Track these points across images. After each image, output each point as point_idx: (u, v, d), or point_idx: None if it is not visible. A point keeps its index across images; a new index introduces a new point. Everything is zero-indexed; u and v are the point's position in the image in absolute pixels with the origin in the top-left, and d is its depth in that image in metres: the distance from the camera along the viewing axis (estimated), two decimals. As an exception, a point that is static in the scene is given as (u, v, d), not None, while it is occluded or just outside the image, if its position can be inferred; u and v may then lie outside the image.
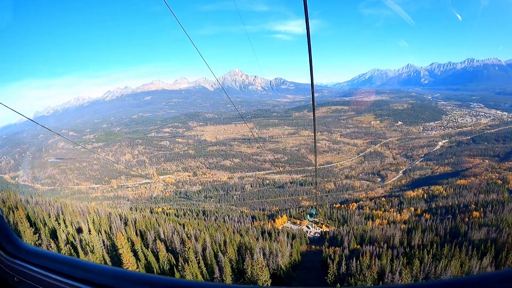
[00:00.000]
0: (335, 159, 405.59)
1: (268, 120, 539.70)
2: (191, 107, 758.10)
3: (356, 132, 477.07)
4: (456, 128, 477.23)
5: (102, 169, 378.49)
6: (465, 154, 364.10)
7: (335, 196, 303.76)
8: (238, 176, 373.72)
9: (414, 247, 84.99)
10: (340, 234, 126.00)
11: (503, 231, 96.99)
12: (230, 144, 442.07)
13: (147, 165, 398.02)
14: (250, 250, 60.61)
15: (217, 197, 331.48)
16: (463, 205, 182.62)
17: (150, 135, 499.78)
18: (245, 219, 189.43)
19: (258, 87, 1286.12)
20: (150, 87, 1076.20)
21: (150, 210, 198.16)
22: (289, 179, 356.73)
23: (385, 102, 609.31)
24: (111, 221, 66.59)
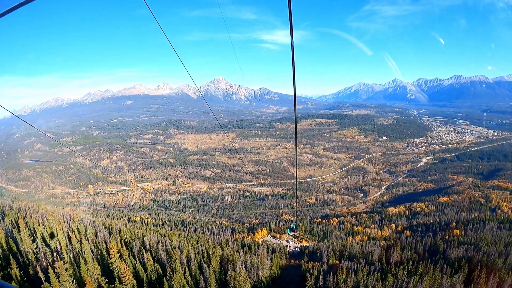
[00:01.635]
0: (317, 173, 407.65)
1: (250, 130, 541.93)
2: (172, 114, 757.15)
3: (340, 146, 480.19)
4: (441, 145, 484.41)
5: (79, 174, 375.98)
6: (449, 171, 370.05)
7: (316, 211, 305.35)
8: (218, 187, 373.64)
9: (391, 263, 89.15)
10: (320, 249, 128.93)
11: (481, 250, 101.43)
12: (211, 154, 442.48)
13: (125, 171, 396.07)
14: (233, 263, 64.48)
15: (196, 207, 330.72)
16: (444, 223, 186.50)
17: (130, 140, 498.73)
18: (225, 231, 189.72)
19: (242, 97, 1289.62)
20: (131, 91, 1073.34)
21: (128, 218, 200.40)
22: (270, 192, 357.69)
23: (370, 116, 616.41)
24: (97, 230, 69.81)
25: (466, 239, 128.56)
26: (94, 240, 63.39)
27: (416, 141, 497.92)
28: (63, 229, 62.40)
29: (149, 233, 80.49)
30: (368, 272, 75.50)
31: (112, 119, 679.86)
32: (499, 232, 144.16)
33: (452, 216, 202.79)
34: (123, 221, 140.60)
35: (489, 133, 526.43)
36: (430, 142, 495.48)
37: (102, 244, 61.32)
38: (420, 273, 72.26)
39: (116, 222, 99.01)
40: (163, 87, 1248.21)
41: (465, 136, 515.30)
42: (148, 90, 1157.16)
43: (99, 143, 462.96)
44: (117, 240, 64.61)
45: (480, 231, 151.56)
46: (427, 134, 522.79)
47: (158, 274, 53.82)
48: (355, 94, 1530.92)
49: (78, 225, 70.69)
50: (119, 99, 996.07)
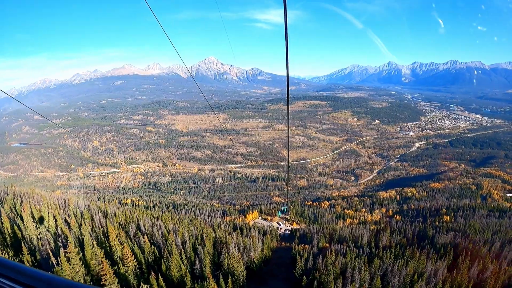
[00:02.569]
0: (309, 155, 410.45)
1: (242, 111, 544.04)
2: (163, 95, 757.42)
3: (332, 128, 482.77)
4: (434, 130, 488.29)
5: (68, 156, 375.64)
6: (441, 157, 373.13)
7: (307, 193, 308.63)
8: (209, 169, 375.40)
9: (380, 247, 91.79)
10: (310, 232, 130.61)
11: (468, 237, 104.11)
12: (202, 135, 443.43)
13: (115, 153, 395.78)
14: (226, 244, 67.24)
15: (187, 189, 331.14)
16: (435, 209, 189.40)
17: (119, 122, 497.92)
18: (216, 213, 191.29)
19: (234, 77, 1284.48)
20: (121, 71, 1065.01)
21: (118, 201, 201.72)
22: (261, 174, 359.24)
23: (364, 99, 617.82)
24: (92, 214, 72.01)
25: (455, 225, 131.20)
26: (91, 224, 65.51)
27: (409, 126, 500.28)
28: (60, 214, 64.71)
29: (143, 216, 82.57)
30: (357, 255, 78.09)
31: (101, 100, 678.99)
32: (488, 220, 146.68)
33: (442, 202, 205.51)
34: (114, 204, 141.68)
35: (484, 120, 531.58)
36: (424, 127, 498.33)
37: (99, 228, 63.45)
38: (406, 257, 75.06)
39: (111, 205, 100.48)
40: (153, 67, 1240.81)
41: (459, 122, 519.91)
42: (138, 70, 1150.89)
43: (88, 125, 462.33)
44: (113, 224, 66.86)
45: (470, 218, 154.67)
46: (420, 119, 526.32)
47: (155, 256, 56.34)
48: (349, 76, 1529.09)
49: (74, 210, 72.98)
50: (108, 79, 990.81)
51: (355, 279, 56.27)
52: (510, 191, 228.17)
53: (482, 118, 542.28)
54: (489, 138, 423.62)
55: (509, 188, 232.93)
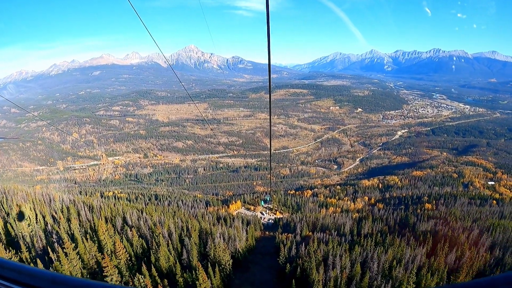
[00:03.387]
0: (291, 144, 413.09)
1: (223, 100, 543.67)
2: (142, 84, 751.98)
3: (314, 117, 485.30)
4: (417, 118, 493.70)
5: (47, 150, 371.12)
6: (424, 145, 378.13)
7: (290, 182, 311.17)
8: (190, 159, 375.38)
9: (361, 235, 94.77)
10: (293, 221, 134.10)
11: (449, 224, 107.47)
12: (183, 125, 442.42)
13: (95, 145, 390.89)
14: (211, 235, 69.67)
15: (169, 180, 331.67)
16: (417, 197, 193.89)
17: (99, 113, 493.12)
18: (199, 204, 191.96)
19: (214, 65, 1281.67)
20: (99, 61, 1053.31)
21: (100, 194, 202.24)
22: (243, 163, 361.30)
23: (346, 87, 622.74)
24: (78, 209, 73.70)
25: (436, 213, 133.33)
26: (78, 219, 67.13)
27: (392, 114, 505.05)
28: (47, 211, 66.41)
29: (129, 210, 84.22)
30: (339, 242, 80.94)
31: (79, 91, 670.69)
32: (469, 208, 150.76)
33: (424, 190, 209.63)
34: (97, 197, 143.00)
35: (466, 108, 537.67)
36: (406, 115, 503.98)
37: (86, 223, 65.53)
38: (387, 244, 78.05)
39: (95, 200, 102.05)
40: (132, 56, 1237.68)
41: (441, 111, 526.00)
42: (116, 59, 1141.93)
43: (67, 117, 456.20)
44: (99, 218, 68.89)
45: (451, 206, 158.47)
46: (403, 107, 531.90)
47: (143, 248, 58.51)
48: (331, 64, 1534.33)
49: (59, 205, 74.59)
50: (86, 69, 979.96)
51: (336, 266, 59.18)
52: (492, 179, 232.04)
53: (465, 107, 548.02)
54: (471, 126, 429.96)
55: (490, 176, 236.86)
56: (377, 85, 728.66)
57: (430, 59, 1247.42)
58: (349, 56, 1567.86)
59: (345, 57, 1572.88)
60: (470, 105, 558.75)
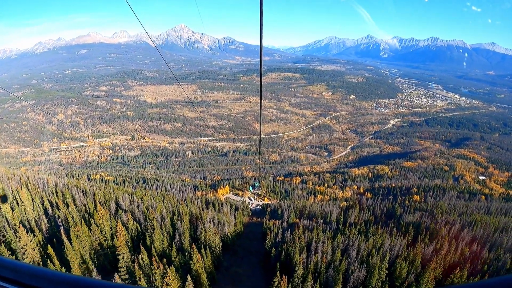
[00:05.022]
0: (282, 129, 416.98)
1: (213, 82, 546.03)
2: (130, 64, 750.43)
3: (306, 102, 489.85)
4: (411, 107, 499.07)
5: (32, 131, 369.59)
6: (416, 135, 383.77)
7: (279, 168, 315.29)
8: (178, 142, 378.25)
9: (347, 224, 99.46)
10: (281, 207, 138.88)
11: (435, 217, 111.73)
12: (172, 106, 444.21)
13: (81, 126, 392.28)
14: (201, 219, 74.41)
15: (157, 163, 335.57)
16: (406, 188, 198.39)
17: (85, 93, 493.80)
18: (187, 188, 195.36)
19: (205, 46, 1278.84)
20: (86, 39, 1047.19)
21: (87, 176, 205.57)
22: (232, 147, 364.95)
23: (340, 73, 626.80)
24: (73, 194, 77.72)
25: (423, 205, 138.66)
26: (73, 203, 71.22)
27: (386, 102, 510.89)
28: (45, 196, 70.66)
29: (121, 194, 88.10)
30: (323, 230, 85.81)
31: (65, 70, 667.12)
32: (456, 202, 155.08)
33: (414, 182, 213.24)
34: (83, 180, 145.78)
35: (462, 100, 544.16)
36: (400, 104, 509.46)
37: (81, 207, 70.04)
38: (369, 234, 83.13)
39: (88, 184, 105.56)
40: (120, 34, 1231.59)
41: (436, 101, 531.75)
42: (104, 38, 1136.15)
43: (52, 97, 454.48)
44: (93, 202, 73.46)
45: (440, 199, 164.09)
46: (397, 96, 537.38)
47: (138, 231, 63.01)
48: (325, 48, 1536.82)
49: (54, 190, 78.73)
50: (73, 48, 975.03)
51: (318, 251, 64.43)
52: (483, 173, 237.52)
53: (460, 98, 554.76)
54: (466, 119, 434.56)
55: (482, 171, 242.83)
56: (372, 71, 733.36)
57: (427, 47, 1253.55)
58: (344, 41, 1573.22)
59: (340, 42, 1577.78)
60: (466, 97, 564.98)
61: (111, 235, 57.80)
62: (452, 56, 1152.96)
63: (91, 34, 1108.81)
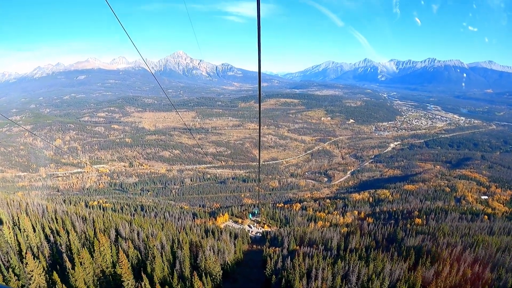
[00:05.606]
0: (281, 155, 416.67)
1: (211, 109, 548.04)
2: (129, 90, 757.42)
3: (305, 128, 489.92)
4: (410, 130, 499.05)
5: (29, 155, 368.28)
6: (417, 158, 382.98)
7: (279, 195, 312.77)
8: (177, 169, 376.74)
9: (347, 250, 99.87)
10: (281, 234, 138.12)
11: (437, 239, 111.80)
12: (170, 133, 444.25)
13: (79, 152, 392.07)
14: (201, 247, 75.27)
15: (155, 190, 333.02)
16: (407, 211, 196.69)
17: (83, 119, 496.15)
18: (186, 216, 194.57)
19: (203, 72, 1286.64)
20: (84, 65, 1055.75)
21: (85, 203, 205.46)
22: (231, 175, 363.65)
23: (338, 97, 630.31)
24: (73, 221, 78.58)
25: (425, 228, 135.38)
26: (73, 230, 72.15)
27: (385, 125, 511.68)
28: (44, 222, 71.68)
29: (120, 222, 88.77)
30: (324, 256, 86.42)
31: (64, 96, 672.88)
32: (459, 223, 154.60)
33: (416, 205, 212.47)
34: (81, 206, 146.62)
35: (461, 120, 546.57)
36: (399, 127, 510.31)
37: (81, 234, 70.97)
38: (370, 259, 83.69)
39: (89, 211, 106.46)
40: (119, 60, 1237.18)
41: (435, 122, 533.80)
42: (103, 64, 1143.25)
43: (50, 122, 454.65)
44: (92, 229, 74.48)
45: (442, 221, 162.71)
46: (396, 118, 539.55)
47: (138, 259, 63.94)
48: (323, 73, 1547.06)
49: (54, 216, 79.63)
50: (71, 73, 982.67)
51: (318, 278, 65.19)
52: (485, 193, 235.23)
53: (460, 118, 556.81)
54: (466, 138, 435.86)
55: (483, 191, 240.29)
56: (370, 95, 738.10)
57: (425, 68, 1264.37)
58: (342, 65, 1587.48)
59: (338, 66, 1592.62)
60: (465, 117, 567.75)
61: (112, 263, 58.67)
62: (450, 76, 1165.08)
63: (89, 60, 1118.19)
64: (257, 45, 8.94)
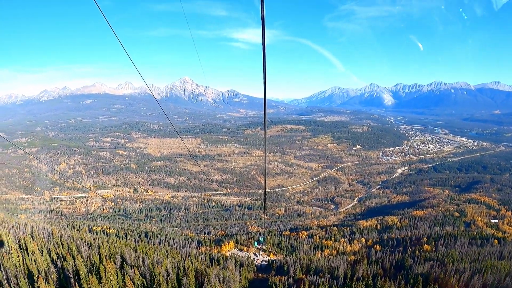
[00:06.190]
0: (287, 182, 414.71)
1: (217, 136, 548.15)
2: (135, 116, 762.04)
3: (311, 154, 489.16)
4: (418, 154, 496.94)
5: (34, 178, 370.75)
6: (425, 183, 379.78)
7: (285, 223, 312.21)
8: (182, 196, 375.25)
9: (354, 278, 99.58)
10: (287, 263, 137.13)
11: (446, 266, 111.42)
12: (176, 160, 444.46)
13: (84, 177, 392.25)
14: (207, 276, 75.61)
15: (159, 217, 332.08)
16: (415, 238, 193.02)
17: (89, 143, 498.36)
18: (191, 243, 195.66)
19: (209, 99, 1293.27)
20: (91, 89, 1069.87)
21: (88, 228, 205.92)
22: (237, 202, 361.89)
23: (344, 123, 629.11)
24: (78, 246, 79.30)
25: (434, 255, 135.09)
26: (78, 255, 72.90)
27: (392, 151, 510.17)
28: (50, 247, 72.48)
29: (125, 248, 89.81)
30: (329, 285, 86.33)
31: (69, 119, 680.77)
32: (468, 249, 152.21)
33: (424, 231, 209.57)
34: (84, 231, 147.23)
35: (469, 143, 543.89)
36: (407, 152, 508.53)
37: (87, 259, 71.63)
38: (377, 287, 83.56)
39: (93, 236, 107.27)
40: (125, 86, 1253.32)
41: (443, 146, 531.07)
42: (109, 89, 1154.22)
43: (55, 146, 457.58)
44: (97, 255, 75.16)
45: (451, 247, 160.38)
46: (403, 143, 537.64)
47: (144, 286, 64.44)
48: (329, 99, 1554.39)
49: (59, 241, 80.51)
50: (78, 97, 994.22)
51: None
52: (495, 217, 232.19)
53: (468, 141, 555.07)
54: (474, 161, 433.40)
55: (493, 214, 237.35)
56: (377, 120, 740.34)
57: (431, 92, 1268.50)
58: (347, 91, 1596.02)
59: (344, 92, 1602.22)
60: (473, 139, 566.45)
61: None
62: (457, 98, 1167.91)
63: (96, 84, 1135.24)
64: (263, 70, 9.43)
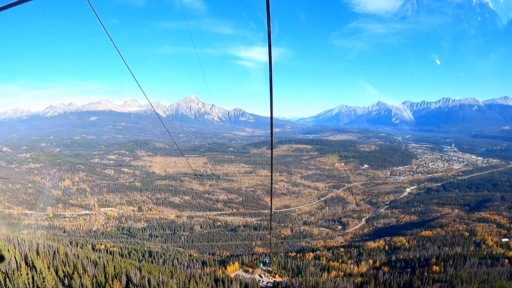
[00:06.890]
0: (294, 203, 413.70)
1: (223, 155, 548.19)
2: (140, 134, 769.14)
3: (318, 174, 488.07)
4: (426, 173, 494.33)
5: (37, 194, 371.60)
6: (434, 202, 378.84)
7: (291, 244, 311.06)
8: (187, 215, 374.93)
9: None
10: (293, 285, 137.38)
11: (454, 287, 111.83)
12: (181, 179, 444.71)
13: (88, 194, 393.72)
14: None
15: (163, 236, 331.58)
16: (424, 259, 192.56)
17: (93, 161, 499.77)
18: (195, 264, 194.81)
19: (215, 117, 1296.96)
20: (96, 106, 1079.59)
21: (91, 246, 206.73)
22: (242, 222, 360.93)
23: (352, 142, 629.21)
24: (84, 265, 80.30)
25: (442, 276, 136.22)
26: (84, 275, 73.93)
27: (400, 170, 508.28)
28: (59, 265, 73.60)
29: (130, 267, 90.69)
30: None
31: (74, 136, 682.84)
32: (478, 269, 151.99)
33: (433, 251, 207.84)
34: (87, 249, 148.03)
35: (478, 160, 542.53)
36: (415, 171, 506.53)
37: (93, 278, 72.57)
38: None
39: (98, 255, 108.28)
40: (131, 103, 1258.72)
41: (452, 164, 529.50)
42: (115, 106, 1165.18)
43: (60, 162, 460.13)
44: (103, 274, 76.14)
45: (460, 267, 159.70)
46: (412, 162, 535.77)
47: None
48: (337, 118, 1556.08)
49: (66, 259, 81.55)
50: (83, 114, 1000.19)
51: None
52: (505, 235, 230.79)
53: (477, 159, 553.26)
54: (484, 179, 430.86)
55: (504, 233, 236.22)
56: (385, 139, 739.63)
57: (439, 109, 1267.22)
58: (355, 109, 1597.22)
59: (351, 110, 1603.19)
60: (483, 156, 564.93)
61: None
62: (465, 115, 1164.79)
63: (102, 101, 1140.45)
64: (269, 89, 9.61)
